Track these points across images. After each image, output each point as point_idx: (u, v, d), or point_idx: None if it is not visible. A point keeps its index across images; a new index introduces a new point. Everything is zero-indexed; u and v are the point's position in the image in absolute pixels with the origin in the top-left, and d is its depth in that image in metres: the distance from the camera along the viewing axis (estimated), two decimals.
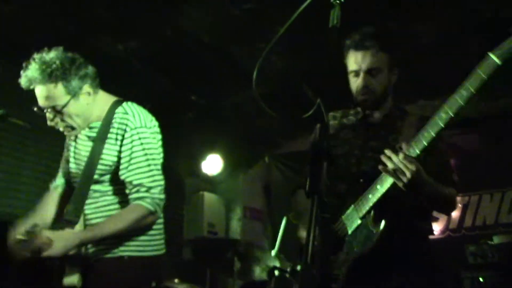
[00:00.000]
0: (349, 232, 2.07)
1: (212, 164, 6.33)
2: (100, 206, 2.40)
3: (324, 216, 1.05)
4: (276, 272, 4.09)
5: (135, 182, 2.30)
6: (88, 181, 2.35)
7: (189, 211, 6.26)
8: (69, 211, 2.34)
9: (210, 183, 6.63)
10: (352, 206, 2.08)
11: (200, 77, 5.15)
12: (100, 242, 2.33)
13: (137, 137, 2.33)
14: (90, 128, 2.44)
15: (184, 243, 6.11)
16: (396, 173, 1.89)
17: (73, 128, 2.39)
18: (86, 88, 2.33)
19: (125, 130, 2.32)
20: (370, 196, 2.01)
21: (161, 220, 2.52)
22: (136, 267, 2.36)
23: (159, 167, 2.43)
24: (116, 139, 2.33)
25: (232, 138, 6.25)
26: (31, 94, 2.34)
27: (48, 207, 2.58)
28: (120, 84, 5.15)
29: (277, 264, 4.39)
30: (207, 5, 4.04)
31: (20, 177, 4.43)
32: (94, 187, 2.39)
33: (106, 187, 2.40)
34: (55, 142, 3.30)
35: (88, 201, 2.38)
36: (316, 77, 2.08)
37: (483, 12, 4.03)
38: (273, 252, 4.15)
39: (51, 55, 2.30)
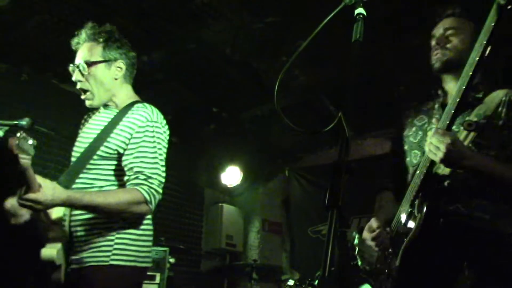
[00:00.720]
0: (402, 221, 1.98)
1: (232, 176, 6.35)
2: (90, 187, 2.36)
3: (344, 230, 1.04)
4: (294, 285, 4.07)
5: (136, 169, 2.31)
6: (87, 158, 2.36)
7: (207, 223, 6.28)
8: (60, 180, 2.32)
9: (229, 195, 6.65)
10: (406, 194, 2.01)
11: (222, 90, 5.20)
12: (87, 224, 2.30)
13: (151, 129, 2.38)
14: (106, 111, 2.51)
15: (203, 255, 6.13)
16: (431, 149, 1.82)
17: (91, 95, 2.44)
18: (120, 63, 2.48)
19: (141, 121, 2.37)
20: (417, 180, 1.94)
21: (151, 232, 2.46)
22: (128, 276, 2.35)
23: (163, 163, 2.42)
24: (130, 127, 2.37)
25: (252, 150, 6.28)
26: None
27: None
28: (143, 95, 5.25)
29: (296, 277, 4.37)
30: (230, 18, 4.08)
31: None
32: (90, 166, 2.37)
33: (102, 170, 2.38)
34: None
35: (79, 180, 2.37)
36: (339, 91, 2.10)
37: None
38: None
39: (105, 25, 2.52)
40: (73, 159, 2.45)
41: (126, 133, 2.35)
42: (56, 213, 2.39)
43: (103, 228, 2.32)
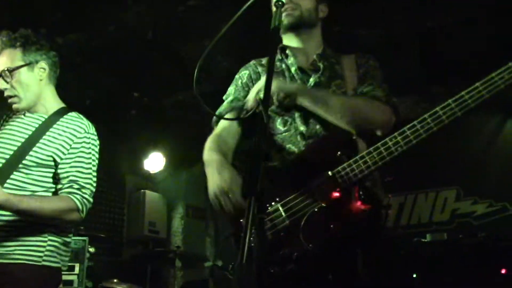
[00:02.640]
0: (324, 204, 1.78)
1: (154, 162, 6.25)
2: (22, 190, 2.37)
3: (261, 217, 1.05)
4: (216, 270, 4.10)
5: (71, 178, 2.41)
6: (17, 161, 2.38)
7: (130, 210, 6.16)
8: None
9: (152, 181, 6.55)
10: (329, 173, 1.79)
11: (144, 74, 5.08)
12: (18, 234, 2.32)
13: (88, 141, 2.51)
14: (32, 115, 2.54)
15: (125, 243, 6.01)
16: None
17: (17, 99, 2.48)
18: (42, 63, 2.52)
19: (80, 132, 2.49)
20: (360, 167, 1.75)
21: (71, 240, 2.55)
22: (55, 276, 2.44)
23: (95, 174, 2.54)
24: (68, 137, 2.45)
25: (175, 136, 6.20)
26: None
27: None
28: (60, 79, 5.02)
29: (219, 264, 4.39)
30: (151, 1, 3.98)
31: None
32: (22, 170, 2.39)
33: (35, 176, 2.42)
34: None
35: (10, 182, 2.36)
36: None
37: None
38: None
39: (20, 30, 2.53)
40: None
41: (64, 142, 2.44)
42: None
43: (35, 228, 2.36)
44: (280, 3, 1.59)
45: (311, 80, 2.02)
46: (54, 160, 2.41)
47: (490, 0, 3.94)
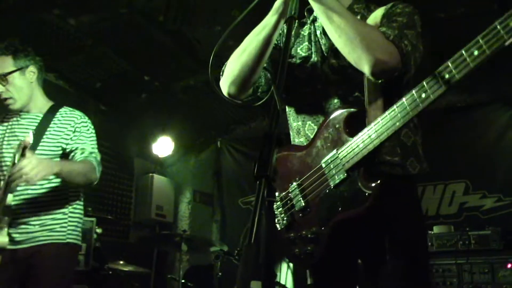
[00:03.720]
0: (332, 185, 1.69)
1: (163, 146, 6.25)
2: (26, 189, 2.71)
3: (271, 200, 1.05)
4: (222, 255, 4.12)
5: (81, 147, 2.81)
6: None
7: (137, 193, 6.19)
8: (2, 187, 2.63)
9: (160, 165, 6.57)
10: (335, 151, 1.69)
11: (155, 58, 5.07)
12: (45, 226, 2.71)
13: (86, 124, 2.91)
14: (28, 115, 2.88)
15: (132, 225, 6.05)
16: None
17: (13, 100, 2.81)
18: (32, 68, 2.86)
19: (77, 118, 2.89)
20: (361, 144, 1.61)
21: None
22: (76, 252, 2.92)
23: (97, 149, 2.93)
24: (69, 124, 2.84)
25: (184, 121, 6.20)
26: None
27: None
28: (71, 61, 5.03)
29: (225, 249, 4.42)
30: None
31: None
32: None
33: None
34: None
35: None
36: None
37: None
38: None
39: (7, 40, 2.87)
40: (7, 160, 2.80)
41: (66, 130, 2.82)
42: None
43: (54, 208, 2.74)
44: None
45: (326, 48, 1.87)
46: (63, 149, 2.80)
47: None
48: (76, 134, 2.84)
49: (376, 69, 1.62)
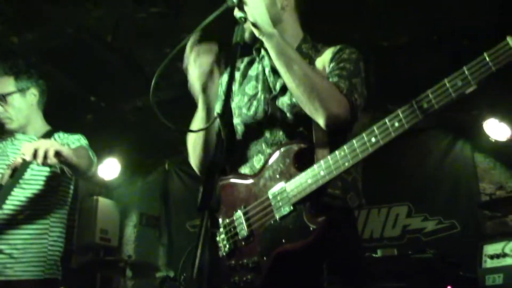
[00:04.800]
0: (277, 217, 1.71)
1: (109, 168, 6.11)
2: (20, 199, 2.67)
3: (214, 232, 1.04)
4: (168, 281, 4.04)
5: (77, 142, 2.85)
6: (13, 183, 2.62)
7: (81, 216, 6.00)
8: None
9: (105, 187, 6.41)
10: (283, 184, 1.72)
11: (102, 78, 4.98)
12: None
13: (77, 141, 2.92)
14: (24, 137, 2.85)
15: (74, 250, 5.85)
16: None
17: (9, 120, 2.79)
18: (33, 90, 2.88)
19: (68, 144, 2.83)
20: (309, 180, 1.65)
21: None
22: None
23: None
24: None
25: (132, 142, 6.10)
26: None
27: None
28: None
29: (171, 274, 4.33)
30: (112, 5, 3.92)
31: None
32: (16, 189, 2.66)
33: (28, 191, 2.70)
34: None
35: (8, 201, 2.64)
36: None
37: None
38: None
39: (12, 60, 2.93)
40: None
41: None
42: None
43: (35, 241, 2.62)
44: (243, 19, 1.58)
45: (278, 84, 1.93)
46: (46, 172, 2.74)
47: (444, 20, 4.08)
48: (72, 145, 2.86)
49: (330, 122, 1.71)
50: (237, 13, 1.66)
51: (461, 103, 1.55)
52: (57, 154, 2.38)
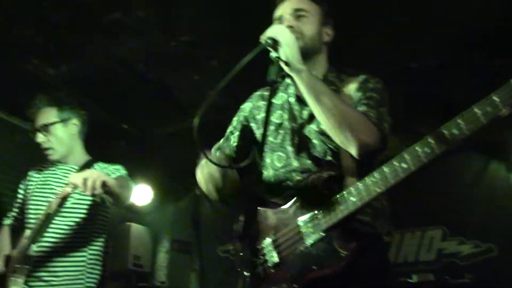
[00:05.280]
0: (308, 243, 1.72)
1: (141, 194, 6.19)
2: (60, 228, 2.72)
3: (253, 261, 1.06)
4: None
5: (116, 172, 2.92)
6: (55, 212, 2.65)
7: (114, 242, 6.06)
8: (29, 237, 2.62)
9: (137, 213, 6.48)
10: (314, 212, 1.74)
11: (133, 106, 5.09)
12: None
13: (118, 171, 3.00)
14: (64, 167, 2.92)
15: (108, 276, 5.89)
16: None
17: (52, 150, 2.87)
18: (75, 120, 2.98)
19: (107, 174, 2.84)
20: (340, 207, 1.67)
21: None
22: None
23: None
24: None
25: (163, 169, 6.17)
26: None
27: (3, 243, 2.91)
28: None
29: None
30: (144, 35, 4.02)
31: None
32: (57, 218, 2.69)
33: (69, 219, 2.76)
34: None
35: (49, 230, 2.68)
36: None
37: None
38: None
39: (55, 92, 3.03)
40: (33, 210, 2.78)
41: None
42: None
43: (74, 269, 2.68)
44: (277, 58, 1.62)
45: (305, 112, 1.97)
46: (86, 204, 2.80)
47: (471, 42, 4.04)
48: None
49: (362, 151, 1.74)
50: (272, 53, 1.71)
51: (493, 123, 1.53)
52: (104, 184, 2.44)
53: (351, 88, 1.95)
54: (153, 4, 3.70)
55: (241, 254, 0.97)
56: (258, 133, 2.13)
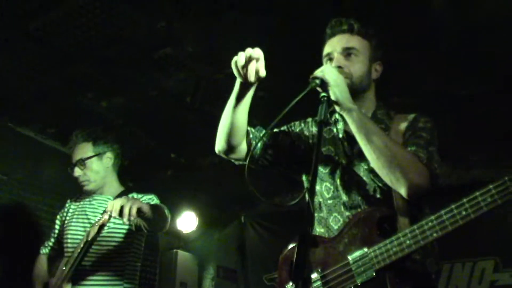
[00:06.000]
0: (358, 282, 1.72)
1: (187, 222, 6.29)
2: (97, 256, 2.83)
3: None
4: None
5: (150, 201, 3.02)
6: (93, 240, 2.77)
7: (162, 269, 6.16)
8: (68, 264, 2.74)
9: (184, 240, 6.57)
10: (366, 249, 1.73)
11: (181, 136, 5.22)
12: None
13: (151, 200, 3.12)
14: (100, 198, 3.05)
15: None
16: None
17: (88, 182, 3.01)
18: (109, 154, 3.12)
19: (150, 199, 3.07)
20: (394, 249, 1.66)
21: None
22: None
23: None
24: None
25: (208, 196, 6.27)
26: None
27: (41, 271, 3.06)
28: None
29: None
30: (192, 69, 4.16)
31: None
32: (94, 247, 2.82)
33: (106, 247, 2.88)
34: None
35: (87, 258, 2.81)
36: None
37: None
38: None
39: (91, 128, 3.17)
40: (71, 238, 2.92)
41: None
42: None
43: (110, 284, 2.81)
44: (325, 97, 1.65)
45: (354, 149, 1.98)
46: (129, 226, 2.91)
47: None
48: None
49: (412, 192, 1.75)
50: (321, 94, 1.74)
51: None
52: (139, 211, 2.52)
53: (401, 127, 1.97)
54: (201, 39, 3.83)
55: None
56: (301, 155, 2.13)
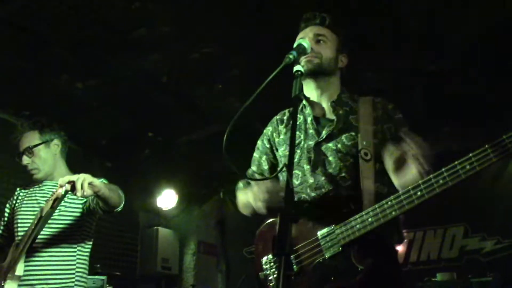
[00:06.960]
0: (326, 256, 1.87)
1: (167, 199, 6.37)
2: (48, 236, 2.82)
3: (289, 274, 1.18)
4: None
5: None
6: (43, 223, 2.75)
7: (143, 247, 6.25)
8: (20, 244, 2.74)
9: (164, 218, 6.66)
10: (333, 226, 1.88)
11: (158, 116, 5.26)
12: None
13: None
14: (50, 183, 3.03)
15: (137, 280, 6.08)
16: None
17: (37, 170, 3.00)
18: (56, 141, 3.08)
19: None
20: (357, 226, 1.82)
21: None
22: None
23: None
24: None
25: (187, 174, 6.34)
26: None
27: None
28: (78, 122, 5.23)
29: None
30: (167, 49, 4.18)
31: None
32: (46, 229, 2.81)
33: (58, 226, 2.87)
34: None
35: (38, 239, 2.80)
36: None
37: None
38: None
39: (36, 117, 3.11)
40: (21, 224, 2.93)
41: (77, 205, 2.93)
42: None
43: (63, 277, 2.81)
44: (299, 72, 1.72)
45: (324, 133, 2.09)
46: (81, 208, 2.93)
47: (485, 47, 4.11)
48: None
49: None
50: (295, 67, 1.80)
51: None
52: (91, 185, 2.54)
53: (368, 110, 2.11)
54: (175, 19, 3.85)
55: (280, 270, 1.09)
56: (280, 152, 2.26)
